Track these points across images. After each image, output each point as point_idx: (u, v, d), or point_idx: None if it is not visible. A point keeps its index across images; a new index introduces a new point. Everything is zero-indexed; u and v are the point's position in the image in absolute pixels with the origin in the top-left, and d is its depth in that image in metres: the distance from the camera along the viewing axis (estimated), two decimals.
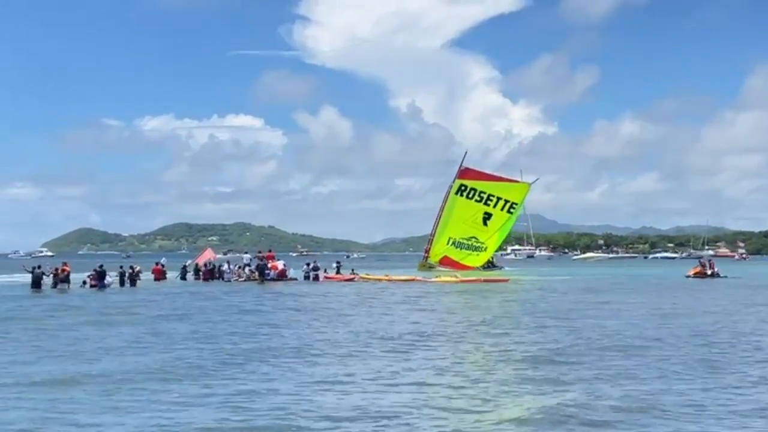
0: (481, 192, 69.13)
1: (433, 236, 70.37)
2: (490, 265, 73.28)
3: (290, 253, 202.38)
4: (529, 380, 15.25)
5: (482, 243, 69.13)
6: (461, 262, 68.50)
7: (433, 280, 55.99)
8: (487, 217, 68.87)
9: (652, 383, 14.94)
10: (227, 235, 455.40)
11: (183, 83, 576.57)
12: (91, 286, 47.10)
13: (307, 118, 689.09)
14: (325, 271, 58.44)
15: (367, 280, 56.72)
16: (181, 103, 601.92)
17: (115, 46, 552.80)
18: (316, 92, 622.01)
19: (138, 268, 51.93)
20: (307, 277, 56.50)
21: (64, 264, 49.06)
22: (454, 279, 55.36)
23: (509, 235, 76.81)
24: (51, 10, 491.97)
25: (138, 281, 50.13)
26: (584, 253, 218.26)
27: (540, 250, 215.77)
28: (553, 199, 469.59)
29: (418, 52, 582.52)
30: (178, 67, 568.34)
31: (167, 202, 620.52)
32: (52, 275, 46.39)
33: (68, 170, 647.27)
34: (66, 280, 46.29)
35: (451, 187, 70.62)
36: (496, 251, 79.08)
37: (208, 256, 61.72)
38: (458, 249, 69.19)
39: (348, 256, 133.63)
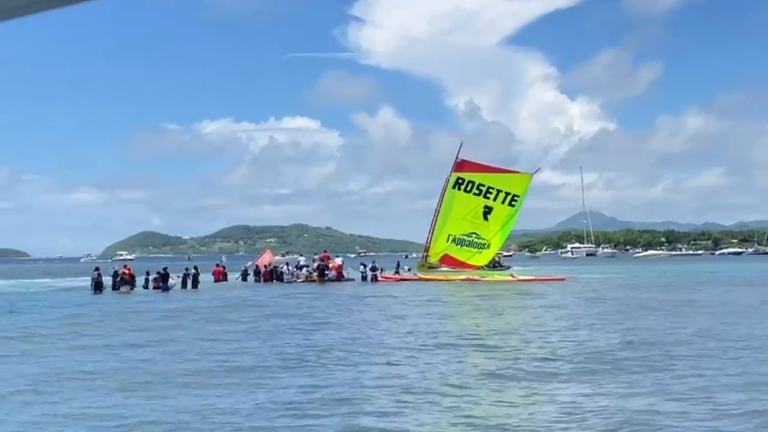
0: (479, 185, 65.17)
1: (432, 234, 66.14)
2: (496, 264, 68.59)
3: (348, 254, 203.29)
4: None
5: (485, 240, 65.20)
6: (465, 261, 64.34)
7: (487, 279, 55.78)
8: (488, 211, 65.07)
9: None
10: (285, 237, 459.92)
11: (240, 87, 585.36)
12: (154, 287, 48.05)
13: (364, 119, 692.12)
14: (382, 270, 58.73)
15: (426, 280, 56.74)
16: (239, 107, 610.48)
17: (174, 51, 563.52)
18: (373, 93, 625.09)
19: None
20: (365, 278, 56.82)
21: (125, 267, 50.25)
22: (511, 278, 55.08)
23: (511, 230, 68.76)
24: (112, 18, 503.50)
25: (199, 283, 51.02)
26: (646, 250, 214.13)
27: (602, 248, 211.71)
28: (613, 196, 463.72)
29: (473, 51, 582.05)
30: (235, 70, 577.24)
31: (227, 205, 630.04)
32: (111, 278, 47.56)
33: (131, 175, 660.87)
34: (130, 282, 47.51)
35: (447, 181, 66.53)
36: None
37: (267, 258, 62.30)
38: (459, 246, 65.15)
39: (406, 256, 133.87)
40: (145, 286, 48.47)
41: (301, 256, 67.53)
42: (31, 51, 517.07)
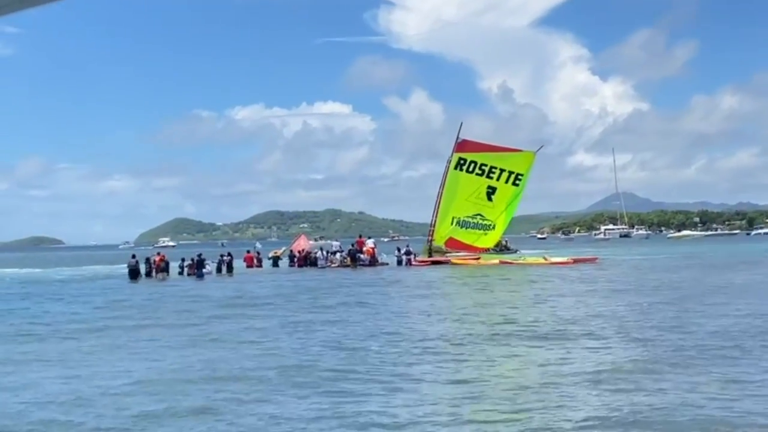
0: (482, 164, 63.15)
1: (436, 217, 64.50)
2: (503, 248, 67.23)
3: (382, 239, 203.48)
4: None
5: (490, 221, 63.38)
6: (471, 243, 62.67)
7: (520, 261, 55.49)
8: (491, 191, 63.14)
9: None
10: (318, 222, 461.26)
11: (271, 72, 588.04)
12: (189, 274, 48.53)
13: (396, 103, 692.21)
14: (415, 255, 58.62)
15: (457, 263, 56.61)
16: (270, 92, 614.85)
17: (205, 37, 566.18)
18: (404, 77, 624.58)
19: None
20: (399, 262, 56.68)
21: (159, 254, 50.80)
22: (543, 260, 54.79)
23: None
24: (144, 6, 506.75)
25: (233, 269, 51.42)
26: (679, 231, 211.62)
27: (636, 229, 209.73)
28: (646, 177, 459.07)
29: (505, 33, 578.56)
30: (266, 56, 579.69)
31: (260, 191, 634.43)
32: (146, 265, 48.13)
33: (164, 162, 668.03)
34: (165, 269, 48.08)
35: (449, 162, 64.65)
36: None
37: (302, 243, 62.47)
38: (464, 229, 63.26)
39: None
40: (180, 273, 49.07)
41: (336, 241, 67.66)
42: (63, 42, 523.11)
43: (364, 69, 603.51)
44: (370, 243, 59.16)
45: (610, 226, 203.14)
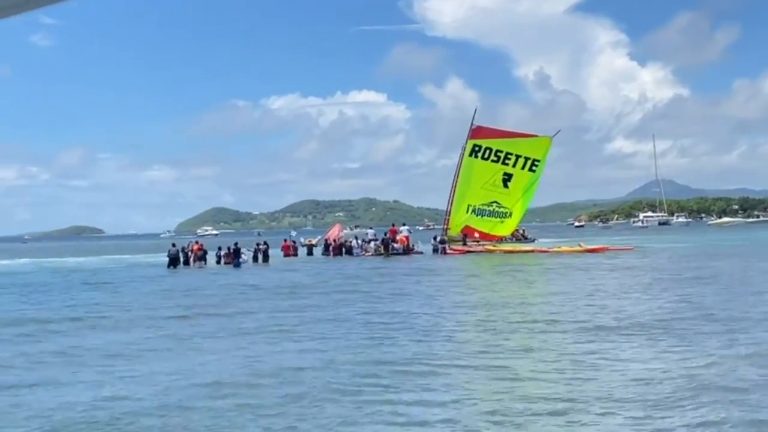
0: (497, 151, 61.91)
1: (451, 206, 62.98)
2: (521, 237, 65.58)
3: (417, 227, 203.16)
4: None
5: (506, 208, 62.21)
6: (487, 232, 61.54)
7: (554, 249, 55.06)
8: (507, 177, 61.82)
9: None
10: (353, 211, 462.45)
11: (307, 62, 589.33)
12: (226, 263, 49.00)
13: (432, 91, 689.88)
14: (449, 245, 58.34)
15: (492, 251, 56.43)
16: (306, 82, 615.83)
17: (240, 27, 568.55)
18: (439, 64, 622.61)
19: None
20: (435, 251, 56.50)
21: (197, 243, 51.42)
22: (579, 248, 54.37)
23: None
24: None
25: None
26: (720, 218, 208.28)
27: (676, 216, 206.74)
28: (686, 163, 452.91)
29: (540, 19, 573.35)
30: (301, 46, 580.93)
31: (296, 180, 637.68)
32: (182, 253, 48.73)
33: (202, 152, 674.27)
34: (203, 258, 48.70)
35: (463, 149, 63.48)
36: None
37: (336, 232, 62.65)
38: (479, 217, 62.14)
39: None
40: (218, 262, 49.61)
41: (370, 228, 67.59)
42: (103, 33, 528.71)
43: (399, 57, 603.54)
44: (404, 231, 59.01)
45: (649, 214, 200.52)
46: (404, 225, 61.61)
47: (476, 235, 60.61)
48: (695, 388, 11.68)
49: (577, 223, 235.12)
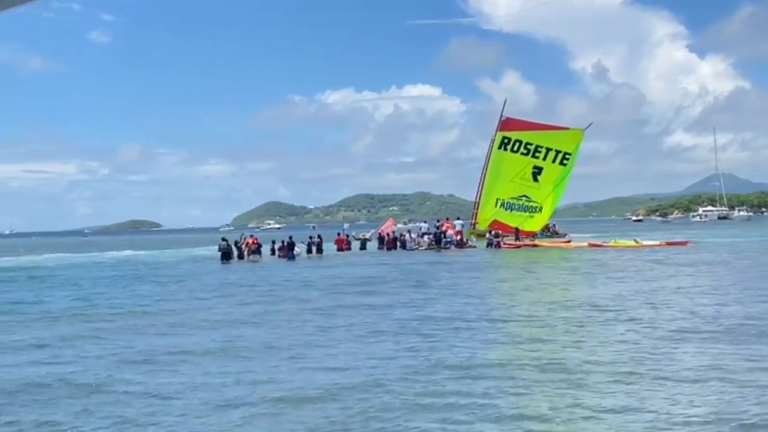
0: (527, 144, 60.58)
1: (479, 199, 62.23)
2: (553, 233, 62.69)
3: (471, 221, 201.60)
4: None
5: (536, 203, 61.04)
6: (517, 226, 59.60)
7: (610, 244, 54.10)
8: (537, 171, 60.53)
9: None
10: (408, 205, 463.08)
11: (361, 56, 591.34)
12: (280, 256, 49.29)
13: (487, 84, 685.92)
14: (503, 239, 57.68)
15: (544, 246, 55.78)
16: (360, 76, 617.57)
17: (294, 22, 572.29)
18: (494, 58, 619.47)
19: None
20: (489, 244, 55.60)
21: (251, 236, 51.92)
22: (634, 243, 53.43)
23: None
24: None
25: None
26: None
27: (737, 210, 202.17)
28: (747, 157, 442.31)
29: (597, 11, 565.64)
30: (356, 40, 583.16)
31: (351, 174, 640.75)
32: (236, 247, 49.00)
33: (258, 146, 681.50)
34: (257, 251, 49.17)
35: (492, 141, 62.25)
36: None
37: (390, 225, 62.57)
38: (508, 211, 61.22)
39: None
40: (273, 254, 49.96)
41: (424, 222, 67.40)
42: (160, 30, 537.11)
43: (454, 51, 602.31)
44: (458, 225, 58.38)
45: (709, 208, 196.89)
46: (458, 219, 61.14)
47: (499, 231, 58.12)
48: None
49: (635, 218, 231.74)
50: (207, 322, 19.38)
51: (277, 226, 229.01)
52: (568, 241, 58.33)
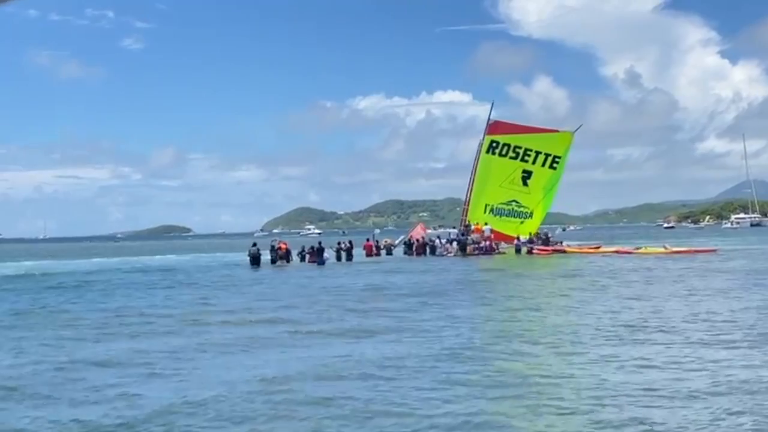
0: (516, 147, 59.19)
1: (468, 204, 60.60)
2: (545, 240, 58.67)
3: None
4: None
5: (526, 208, 59.63)
6: (507, 232, 58.41)
7: (639, 251, 53.74)
8: (527, 175, 59.23)
9: None
10: (437, 211, 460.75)
11: (392, 62, 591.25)
12: (309, 261, 49.63)
13: (518, 90, 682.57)
14: (535, 245, 57.50)
15: (573, 252, 55.69)
16: (391, 82, 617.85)
17: (324, 28, 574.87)
18: (525, 64, 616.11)
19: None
20: (518, 250, 55.37)
21: (281, 242, 52.38)
22: (663, 250, 53.05)
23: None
24: (268, 1, 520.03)
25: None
26: None
27: None
28: None
29: (628, 17, 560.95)
30: (386, 46, 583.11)
31: (381, 180, 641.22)
32: (272, 253, 49.33)
33: (290, 152, 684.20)
34: (286, 257, 49.50)
35: (480, 145, 61.03)
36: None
37: (419, 231, 62.70)
38: (498, 217, 59.67)
39: (564, 229, 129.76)
40: (302, 260, 50.19)
41: (453, 228, 67.05)
42: (191, 37, 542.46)
43: (484, 57, 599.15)
44: (486, 231, 58.21)
45: (741, 215, 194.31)
46: (486, 224, 61.16)
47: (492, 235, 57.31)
48: None
49: (666, 224, 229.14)
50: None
51: (317, 231, 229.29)
52: (598, 246, 58.13)
